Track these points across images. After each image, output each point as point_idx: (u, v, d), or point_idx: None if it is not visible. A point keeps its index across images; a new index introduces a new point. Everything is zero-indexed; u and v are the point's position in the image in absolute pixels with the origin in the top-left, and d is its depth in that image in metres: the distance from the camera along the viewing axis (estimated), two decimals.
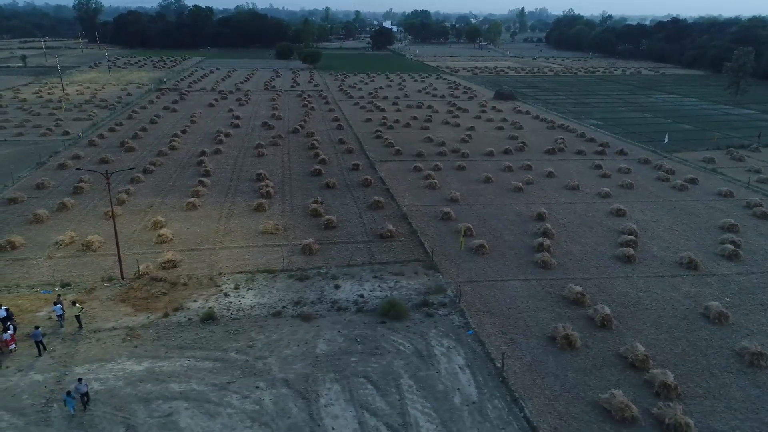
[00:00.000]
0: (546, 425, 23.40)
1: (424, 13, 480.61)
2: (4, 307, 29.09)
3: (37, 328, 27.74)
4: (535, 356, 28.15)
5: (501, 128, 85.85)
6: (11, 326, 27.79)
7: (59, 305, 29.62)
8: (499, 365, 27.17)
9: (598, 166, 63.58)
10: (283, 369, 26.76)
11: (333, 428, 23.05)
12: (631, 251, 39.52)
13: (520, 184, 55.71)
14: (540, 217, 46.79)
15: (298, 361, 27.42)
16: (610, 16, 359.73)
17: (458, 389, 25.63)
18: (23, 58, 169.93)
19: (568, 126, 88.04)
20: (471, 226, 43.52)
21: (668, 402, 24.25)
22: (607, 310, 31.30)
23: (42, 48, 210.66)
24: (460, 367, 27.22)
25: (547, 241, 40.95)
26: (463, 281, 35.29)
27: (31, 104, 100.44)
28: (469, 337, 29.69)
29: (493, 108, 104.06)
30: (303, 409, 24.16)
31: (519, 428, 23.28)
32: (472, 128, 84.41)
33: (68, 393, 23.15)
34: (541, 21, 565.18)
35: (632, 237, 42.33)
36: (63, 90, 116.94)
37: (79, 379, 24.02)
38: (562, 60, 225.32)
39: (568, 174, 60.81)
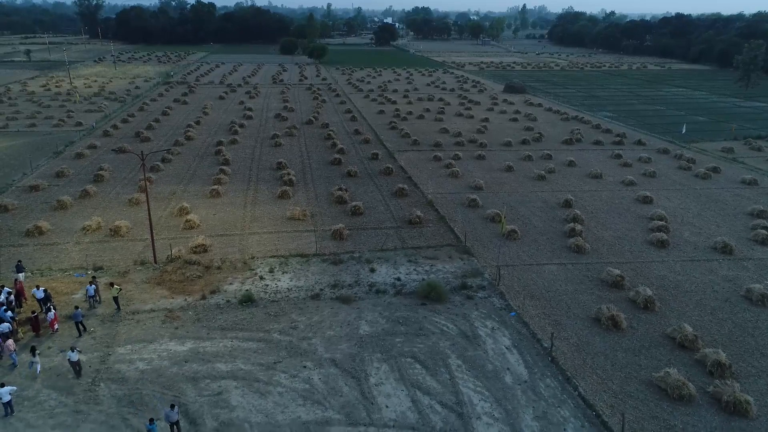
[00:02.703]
0: (602, 403, 23.08)
1: (425, 10, 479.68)
2: (41, 288, 28.72)
3: (77, 308, 27.38)
4: (581, 337, 27.82)
5: (515, 120, 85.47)
6: (51, 307, 27.39)
7: (92, 286, 29.20)
8: (546, 345, 26.86)
9: (618, 156, 63.26)
10: (329, 349, 26.41)
11: (387, 406, 22.71)
12: (664, 236, 39.20)
13: (543, 172, 55.39)
14: (567, 204, 46.45)
15: (342, 341, 27.07)
16: (612, 13, 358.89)
17: (508, 369, 25.31)
18: (27, 52, 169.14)
19: (582, 117, 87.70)
20: (499, 212, 43.12)
21: (723, 380, 23.94)
22: (649, 292, 31.01)
23: (45, 43, 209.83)
24: (507, 348, 26.89)
25: (578, 227, 40.62)
26: (500, 265, 34.90)
27: (40, 97, 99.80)
28: (512, 319, 29.35)
29: (505, 101, 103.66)
30: (354, 387, 23.82)
31: (575, 406, 22.95)
32: (486, 120, 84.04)
33: (151, 420, 20.28)
34: (541, 18, 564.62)
35: (663, 223, 42.01)
36: (71, 83, 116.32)
37: (172, 406, 20.75)
38: (567, 56, 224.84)
39: (588, 163, 60.49)
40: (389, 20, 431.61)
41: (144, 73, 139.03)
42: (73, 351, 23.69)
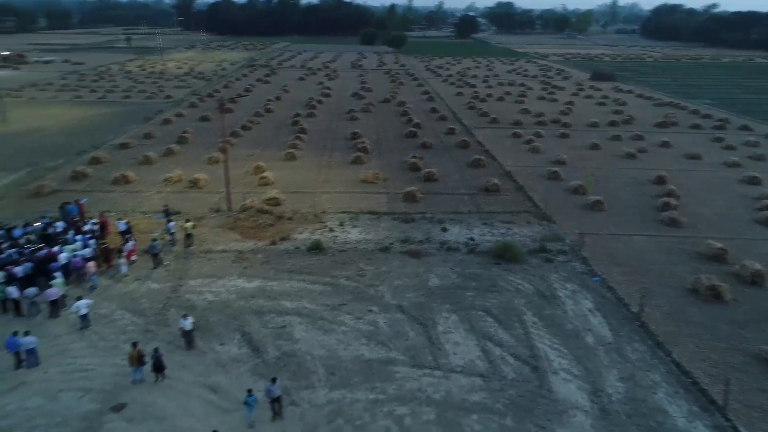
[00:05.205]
0: (699, 371, 20.45)
1: (508, 5, 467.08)
2: (124, 221, 29.78)
3: (154, 240, 28.10)
4: (675, 306, 25.04)
5: (603, 104, 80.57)
6: (130, 238, 28.27)
7: (172, 223, 29.96)
8: (634, 310, 24.36)
9: (719, 139, 57.77)
10: (396, 297, 25.37)
11: (454, 353, 21.33)
12: None
13: (633, 150, 51.51)
14: (660, 181, 42.70)
15: (410, 291, 25.94)
16: (714, 5, 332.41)
17: (589, 330, 23.14)
18: (128, 39, 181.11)
19: (678, 104, 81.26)
20: (583, 184, 40.28)
21: None
22: (758, 265, 27.50)
23: (143, 33, 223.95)
24: (589, 310, 24.65)
25: (673, 201, 37.14)
26: (583, 232, 32.32)
27: (136, 75, 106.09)
28: (595, 284, 26.98)
29: (591, 87, 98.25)
30: (420, 333, 22.62)
31: (667, 372, 20.50)
32: (570, 103, 79.72)
33: (249, 392, 17.59)
34: (633, 14, 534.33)
35: None
36: (163, 64, 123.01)
37: (273, 380, 17.91)
38: (661, 48, 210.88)
39: (684, 145, 55.57)
40: (472, 15, 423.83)
41: (230, 58, 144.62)
42: (186, 319, 21.17)
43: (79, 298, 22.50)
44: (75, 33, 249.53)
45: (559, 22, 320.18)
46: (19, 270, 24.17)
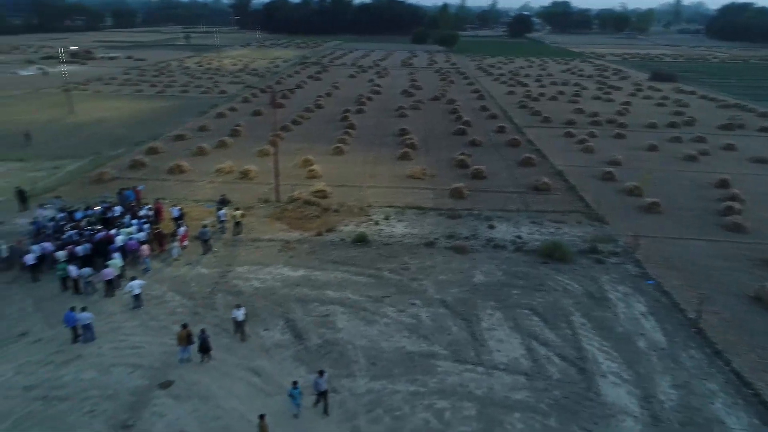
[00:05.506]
0: (762, 383, 19.25)
1: (564, 4, 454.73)
2: (178, 207, 30.83)
3: (204, 227, 28.89)
4: (736, 314, 23.67)
5: (662, 105, 77.22)
6: (182, 224, 29.17)
7: (223, 211, 30.74)
8: (690, 316, 23.16)
9: None
10: (440, 291, 25.10)
11: (498, 350, 20.89)
12: None
13: (694, 152, 49.11)
14: (723, 185, 40.56)
15: (454, 286, 25.60)
16: None
17: (642, 334, 22.17)
18: (187, 37, 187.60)
19: (746, 106, 76.90)
20: (638, 185, 38.72)
21: None
22: None
23: (201, 31, 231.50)
24: (641, 314, 23.64)
25: (737, 205, 35.16)
26: (637, 235, 31.04)
27: (193, 71, 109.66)
28: (649, 287, 25.84)
29: (650, 87, 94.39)
30: (463, 328, 22.28)
31: (725, 381, 19.38)
32: (627, 103, 76.83)
33: (294, 384, 17.34)
34: (698, 14, 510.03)
35: None
36: (219, 61, 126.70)
37: (320, 372, 17.67)
38: (728, 49, 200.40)
39: (751, 148, 52.58)
40: (526, 14, 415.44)
41: (283, 56, 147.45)
42: (239, 309, 21.22)
43: (133, 279, 23.40)
44: (138, 31, 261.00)
45: (617, 22, 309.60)
46: (79, 249, 25.38)
